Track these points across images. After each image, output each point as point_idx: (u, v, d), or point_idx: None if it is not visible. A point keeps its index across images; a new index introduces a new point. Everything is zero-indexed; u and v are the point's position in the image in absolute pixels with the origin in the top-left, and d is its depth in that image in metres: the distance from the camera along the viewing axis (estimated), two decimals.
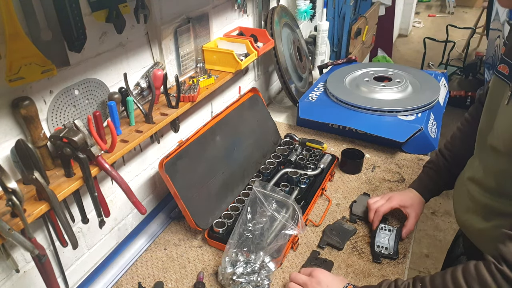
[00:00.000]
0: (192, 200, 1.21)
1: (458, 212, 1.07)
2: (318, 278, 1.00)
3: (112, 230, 1.25)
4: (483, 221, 0.96)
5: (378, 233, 1.19)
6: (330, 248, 1.21)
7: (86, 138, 0.89)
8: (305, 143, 1.63)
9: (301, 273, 1.06)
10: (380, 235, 1.18)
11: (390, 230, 1.19)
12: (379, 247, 1.16)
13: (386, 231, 1.19)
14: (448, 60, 4.70)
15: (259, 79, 1.97)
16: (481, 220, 0.97)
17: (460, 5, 7.76)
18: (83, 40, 0.91)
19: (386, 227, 1.20)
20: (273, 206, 1.17)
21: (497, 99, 0.90)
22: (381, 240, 1.17)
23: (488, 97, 0.97)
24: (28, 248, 0.79)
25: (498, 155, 0.88)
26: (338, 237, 1.21)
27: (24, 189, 0.85)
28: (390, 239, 1.16)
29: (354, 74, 1.92)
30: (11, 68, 0.77)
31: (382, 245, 1.16)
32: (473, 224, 0.99)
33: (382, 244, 1.16)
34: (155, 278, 1.14)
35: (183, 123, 1.45)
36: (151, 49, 1.22)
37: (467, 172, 1.04)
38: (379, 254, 1.15)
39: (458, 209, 1.07)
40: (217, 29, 1.52)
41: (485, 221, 0.95)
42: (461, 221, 1.06)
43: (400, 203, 1.23)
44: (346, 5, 2.83)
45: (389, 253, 1.14)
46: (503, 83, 0.88)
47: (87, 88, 1.02)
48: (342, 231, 1.23)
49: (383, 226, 1.21)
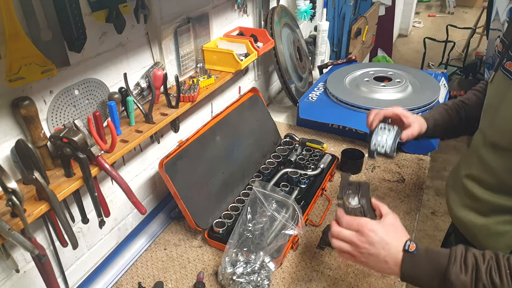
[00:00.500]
0: (192, 200, 1.21)
1: (454, 209, 1.06)
2: (369, 237, 0.80)
3: (112, 230, 1.25)
4: (483, 218, 0.96)
5: (377, 131, 1.10)
6: (330, 248, 1.21)
7: (86, 138, 0.89)
8: (305, 143, 1.63)
9: (345, 226, 0.84)
10: (378, 134, 1.09)
11: (390, 129, 1.09)
12: (375, 145, 1.07)
13: (385, 130, 1.09)
14: (448, 60, 4.70)
15: (259, 79, 1.97)
16: (480, 216, 0.97)
17: (460, 5, 7.76)
18: (83, 40, 0.91)
19: (386, 127, 1.10)
20: (273, 206, 1.17)
21: (500, 96, 0.90)
22: (379, 139, 1.08)
23: (490, 93, 0.96)
24: (28, 248, 0.79)
25: (500, 151, 0.88)
26: None
27: (24, 189, 0.85)
28: (388, 138, 1.07)
29: (354, 74, 1.92)
30: (11, 68, 0.77)
31: (379, 143, 1.07)
32: (471, 221, 0.99)
33: (379, 142, 1.07)
34: (155, 278, 1.14)
35: (183, 123, 1.45)
36: (151, 49, 1.22)
37: (464, 169, 1.04)
38: (374, 152, 1.07)
39: (454, 206, 1.07)
40: (217, 29, 1.52)
41: (485, 217, 0.95)
42: (457, 218, 1.06)
43: (404, 112, 1.14)
44: (346, 5, 2.83)
45: (385, 151, 1.06)
46: (509, 80, 0.87)
47: (87, 88, 1.02)
48: None
49: (383, 126, 1.11)
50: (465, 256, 0.75)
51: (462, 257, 0.75)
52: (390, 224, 0.83)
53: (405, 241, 0.80)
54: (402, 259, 0.78)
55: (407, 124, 1.12)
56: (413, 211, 1.35)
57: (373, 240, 0.80)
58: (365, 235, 0.81)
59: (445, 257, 0.76)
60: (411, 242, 0.79)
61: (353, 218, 0.84)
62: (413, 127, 1.12)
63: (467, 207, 1.01)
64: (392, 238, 0.80)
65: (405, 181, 1.48)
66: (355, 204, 0.90)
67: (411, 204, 1.38)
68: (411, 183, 1.48)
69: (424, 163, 1.58)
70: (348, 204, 0.91)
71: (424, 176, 1.51)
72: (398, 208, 1.36)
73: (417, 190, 1.44)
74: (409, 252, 0.78)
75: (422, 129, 1.14)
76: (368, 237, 0.80)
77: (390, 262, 0.79)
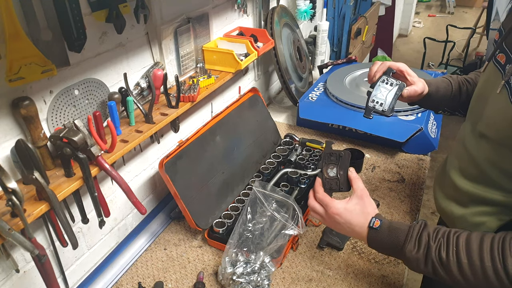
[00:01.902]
0: (192, 200, 1.21)
1: (439, 200, 1.07)
2: (334, 218, 0.90)
3: (112, 230, 1.25)
4: (462, 208, 0.97)
5: (378, 86, 1.03)
6: (330, 248, 1.21)
7: (86, 138, 0.89)
8: (305, 143, 1.63)
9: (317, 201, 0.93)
10: (379, 89, 1.03)
11: (393, 84, 1.02)
12: (374, 101, 1.02)
13: (387, 84, 1.03)
14: (448, 60, 4.70)
15: (259, 79, 1.97)
16: (460, 207, 0.97)
17: (460, 5, 7.76)
18: (83, 40, 0.91)
19: (388, 80, 1.03)
20: (273, 206, 1.16)
21: (489, 87, 0.90)
22: (378, 94, 1.02)
23: (481, 84, 0.97)
24: (28, 248, 0.79)
25: (486, 142, 0.88)
26: (338, 237, 1.21)
27: (24, 189, 0.85)
28: (389, 94, 1.01)
29: (354, 74, 1.92)
30: (11, 68, 0.77)
31: (378, 100, 1.02)
32: (452, 211, 1.00)
33: (379, 99, 1.02)
34: (155, 278, 1.14)
35: (183, 123, 1.45)
36: (151, 49, 1.22)
37: (450, 161, 1.04)
38: (371, 109, 1.02)
39: (438, 196, 1.07)
40: (217, 29, 1.52)
41: (464, 208, 0.96)
42: (440, 208, 1.07)
43: (409, 69, 1.09)
44: (346, 5, 2.83)
45: (383, 109, 1.01)
46: (498, 72, 0.88)
47: (87, 88, 1.02)
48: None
49: (386, 79, 1.03)
50: (420, 234, 0.81)
51: (417, 235, 0.82)
52: (355, 204, 0.90)
53: (370, 218, 0.87)
54: (366, 234, 0.87)
55: (411, 82, 1.09)
56: (413, 211, 1.35)
57: (338, 221, 0.90)
58: (330, 216, 0.90)
59: (403, 234, 0.83)
60: (376, 219, 0.86)
61: (324, 196, 0.93)
62: (417, 85, 1.09)
63: (449, 198, 1.02)
64: (356, 219, 0.88)
65: (405, 181, 1.48)
66: (332, 175, 0.94)
67: (411, 204, 1.38)
68: (411, 183, 1.48)
69: (424, 163, 1.58)
70: (325, 175, 0.94)
71: (424, 176, 1.51)
72: (398, 208, 1.36)
73: (417, 190, 1.44)
74: (373, 229, 0.86)
75: (425, 90, 1.11)
76: (333, 218, 0.90)
77: (357, 235, 0.89)
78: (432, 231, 0.81)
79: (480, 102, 0.93)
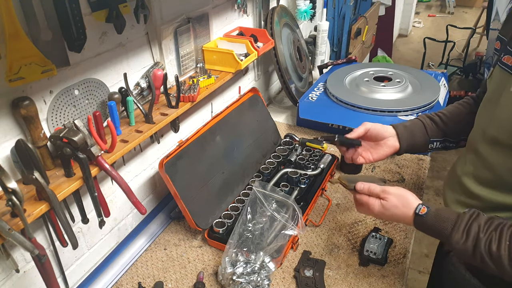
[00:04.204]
0: (192, 200, 1.21)
1: (451, 206, 1.07)
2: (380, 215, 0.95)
3: (112, 230, 1.25)
4: None
5: (369, 239, 1.20)
6: (330, 248, 1.21)
7: (86, 138, 0.89)
8: (305, 143, 1.63)
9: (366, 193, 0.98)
10: (370, 241, 1.20)
11: (381, 238, 1.21)
12: (368, 251, 1.17)
13: (377, 239, 1.21)
14: (448, 60, 4.70)
15: (259, 79, 1.97)
16: None
17: (460, 5, 7.76)
18: (83, 40, 0.91)
19: (377, 236, 1.22)
20: (273, 206, 1.17)
21: (499, 91, 0.90)
22: (371, 246, 1.18)
23: (490, 88, 0.96)
24: (28, 248, 0.79)
25: (499, 147, 0.88)
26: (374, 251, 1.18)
27: (24, 189, 0.85)
28: (380, 246, 1.18)
29: (354, 74, 1.92)
30: (11, 68, 0.77)
31: (371, 250, 1.17)
32: None
33: (371, 249, 1.17)
34: (155, 278, 1.14)
35: (183, 123, 1.45)
36: (151, 49, 1.22)
37: (460, 167, 1.04)
38: (367, 258, 1.16)
39: (450, 202, 1.07)
40: (217, 29, 1.52)
41: None
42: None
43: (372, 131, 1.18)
44: (346, 5, 2.83)
45: (377, 257, 1.15)
46: (507, 74, 0.88)
47: (87, 88, 1.02)
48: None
49: (375, 234, 1.22)
50: (470, 225, 0.82)
51: (466, 225, 0.82)
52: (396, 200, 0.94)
53: (415, 206, 0.90)
54: (413, 219, 0.90)
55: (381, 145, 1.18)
56: None
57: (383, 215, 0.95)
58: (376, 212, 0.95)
59: (451, 223, 0.84)
60: (423, 206, 0.89)
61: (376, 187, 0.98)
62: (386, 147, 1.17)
63: (463, 204, 1.01)
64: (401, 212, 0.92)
65: (405, 181, 1.48)
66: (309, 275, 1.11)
67: None
68: (411, 183, 1.48)
69: (424, 163, 1.58)
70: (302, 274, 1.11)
71: (424, 176, 1.51)
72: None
73: (417, 190, 1.44)
74: (419, 215, 0.89)
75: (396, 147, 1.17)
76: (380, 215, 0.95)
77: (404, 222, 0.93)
78: (484, 223, 0.81)
79: (491, 106, 0.93)
